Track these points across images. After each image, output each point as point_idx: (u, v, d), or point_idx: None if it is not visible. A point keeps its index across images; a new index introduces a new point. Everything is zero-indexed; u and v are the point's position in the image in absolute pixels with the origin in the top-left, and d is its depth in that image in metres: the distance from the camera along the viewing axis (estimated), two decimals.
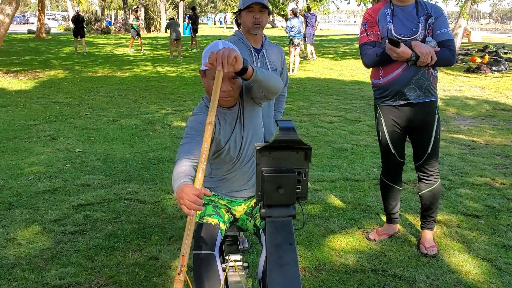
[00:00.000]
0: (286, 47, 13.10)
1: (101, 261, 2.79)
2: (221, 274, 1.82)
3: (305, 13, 14.79)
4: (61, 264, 2.75)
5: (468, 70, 12.28)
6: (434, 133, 2.79)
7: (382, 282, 2.59)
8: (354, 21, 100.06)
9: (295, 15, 12.39)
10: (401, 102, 2.74)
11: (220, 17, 69.93)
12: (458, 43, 15.95)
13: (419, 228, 3.11)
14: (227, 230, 2.10)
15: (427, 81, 2.68)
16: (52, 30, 34.14)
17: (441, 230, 3.24)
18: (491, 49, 17.52)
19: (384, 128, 2.86)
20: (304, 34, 13.66)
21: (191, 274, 2.24)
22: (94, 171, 4.41)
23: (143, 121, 6.54)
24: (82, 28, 16.06)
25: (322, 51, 18.66)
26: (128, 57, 15.64)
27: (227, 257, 1.90)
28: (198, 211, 1.64)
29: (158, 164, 4.65)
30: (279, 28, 43.48)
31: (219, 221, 1.98)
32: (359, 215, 3.48)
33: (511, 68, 12.67)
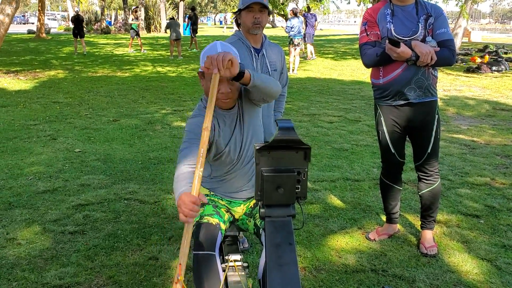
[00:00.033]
0: (286, 47, 13.10)
1: (101, 261, 2.79)
2: (221, 274, 1.82)
3: (305, 13, 14.78)
4: (61, 264, 2.75)
5: (468, 70, 12.28)
6: (434, 133, 2.79)
7: (382, 282, 2.59)
8: (354, 21, 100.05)
9: (295, 15, 12.39)
10: (401, 102, 2.74)
11: (220, 17, 69.94)
12: (458, 43, 15.95)
13: (419, 228, 3.11)
14: (227, 230, 2.10)
15: (427, 81, 2.68)
16: (52, 30, 34.16)
17: (441, 230, 3.24)
18: (491, 49, 17.52)
19: (384, 128, 2.86)
20: (304, 34, 13.67)
21: (191, 274, 2.25)
22: (94, 171, 4.41)
23: (143, 121, 6.54)
24: (82, 29, 16.07)
25: (322, 51, 18.67)
26: (128, 57, 15.64)
27: (227, 257, 1.90)
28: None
29: (158, 164, 4.65)
30: (279, 28, 43.49)
31: (220, 221, 1.98)
32: (359, 215, 3.48)
33: (511, 68, 12.68)
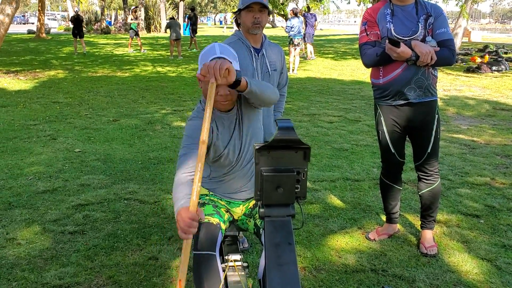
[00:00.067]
0: (286, 47, 13.10)
1: (101, 261, 2.79)
2: (221, 274, 1.82)
3: (305, 13, 14.78)
4: (61, 264, 2.75)
5: (468, 70, 12.28)
6: (434, 133, 2.78)
7: (382, 282, 2.59)
8: (354, 21, 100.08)
9: (296, 15, 12.40)
10: (401, 102, 2.74)
11: (220, 17, 69.97)
12: (458, 43, 15.95)
13: (419, 228, 3.11)
14: (227, 230, 2.10)
15: (427, 81, 2.68)
16: (52, 30, 34.17)
17: (441, 230, 3.24)
18: (491, 49, 17.52)
19: (384, 128, 2.86)
20: (304, 34, 13.66)
21: (191, 274, 2.24)
22: (94, 171, 4.41)
23: (143, 121, 6.54)
24: (81, 29, 16.07)
25: (322, 51, 18.67)
26: (128, 57, 15.64)
27: (227, 257, 1.89)
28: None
29: (158, 164, 4.65)
30: (279, 28, 43.49)
31: (220, 221, 1.97)
32: (359, 215, 3.48)
33: (511, 68, 12.68)
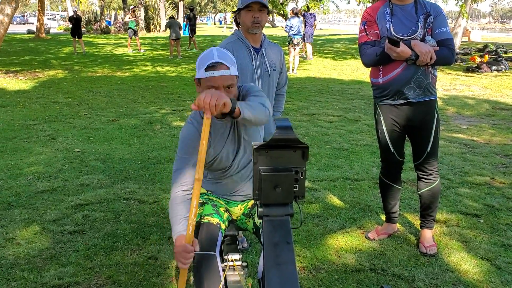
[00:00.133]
0: (286, 47, 13.10)
1: (100, 261, 2.79)
2: (222, 274, 1.82)
3: (304, 13, 14.78)
4: (60, 264, 2.75)
5: (468, 70, 12.28)
6: (434, 132, 2.78)
7: (381, 281, 2.59)
8: (354, 21, 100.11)
9: (296, 15, 12.40)
10: (401, 101, 2.74)
11: (220, 17, 70.01)
12: (458, 43, 15.95)
13: (419, 227, 3.10)
14: (226, 229, 2.10)
15: (427, 80, 2.68)
16: (52, 30, 34.15)
17: (441, 229, 3.24)
18: (491, 49, 17.51)
19: (384, 127, 2.86)
20: (303, 34, 13.66)
21: (190, 274, 2.24)
22: (94, 171, 4.41)
23: (143, 121, 6.53)
24: (80, 28, 16.05)
25: (322, 51, 18.66)
26: (128, 57, 15.63)
27: (226, 257, 1.90)
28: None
29: (158, 164, 4.64)
30: (279, 28, 43.48)
31: (220, 221, 1.98)
32: (359, 215, 3.48)
33: (511, 68, 12.68)
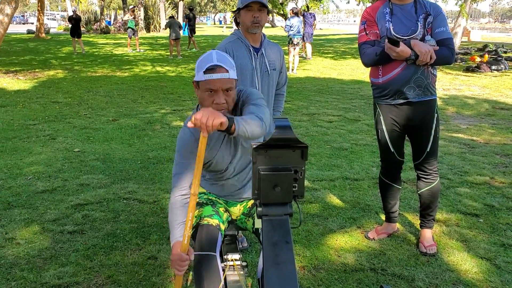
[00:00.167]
0: (286, 47, 13.10)
1: (100, 261, 2.79)
2: (221, 275, 1.82)
3: (304, 12, 14.78)
4: (60, 264, 2.75)
5: (468, 69, 12.28)
6: (433, 132, 2.78)
7: (381, 281, 2.59)
8: (354, 21, 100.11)
9: (296, 15, 12.40)
10: (400, 101, 2.74)
11: (220, 17, 69.99)
12: (458, 42, 15.95)
13: (418, 227, 3.10)
14: (226, 230, 2.10)
15: (426, 80, 2.68)
16: (52, 30, 34.15)
17: (440, 229, 3.24)
18: (491, 48, 17.51)
19: (383, 127, 2.86)
20: (303, 34, 13.66)
21: (190, 274, 2.24)
22: (93, 171, 4.41)
23: (143, 121, 6.53)
24: (79, 28, 16.05)
25: (322, 51, 18.66)
26: (128, 57, 15.63)
27: (226, 256, 1.90)
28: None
29: (157, 164, 4.64)
30: (279, 28, 43.47)
31: (219, 221, 1.98)
32: (358, 214, 3.48)
33: (511, 67, 12.68)
